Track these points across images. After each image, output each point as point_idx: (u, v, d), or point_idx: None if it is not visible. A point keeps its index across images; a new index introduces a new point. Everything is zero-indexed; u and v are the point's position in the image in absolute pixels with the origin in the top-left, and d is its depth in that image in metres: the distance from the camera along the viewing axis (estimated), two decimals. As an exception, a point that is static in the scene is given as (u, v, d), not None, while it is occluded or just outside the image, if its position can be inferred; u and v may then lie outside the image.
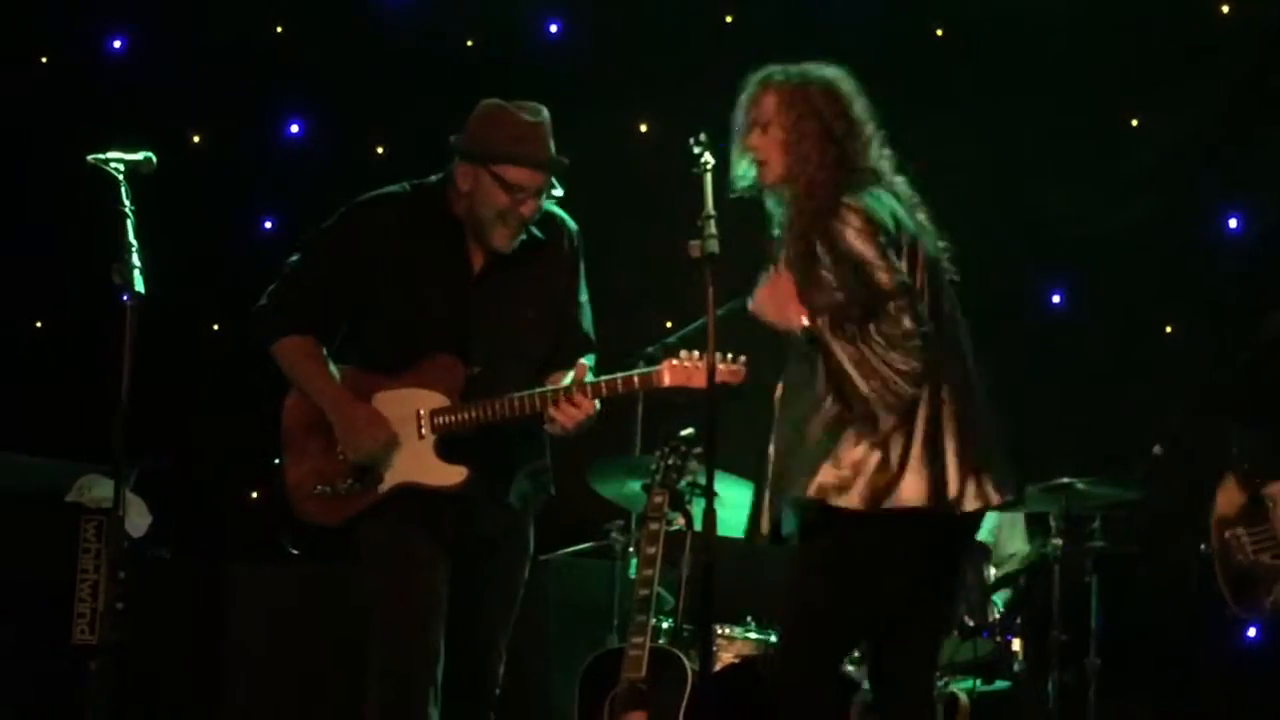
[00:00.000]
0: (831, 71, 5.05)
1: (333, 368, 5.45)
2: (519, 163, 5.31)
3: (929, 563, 4.94)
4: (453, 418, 5.33)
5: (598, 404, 5.32)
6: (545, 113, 5.41)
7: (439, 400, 5.35)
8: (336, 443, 5.37)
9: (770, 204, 5.00)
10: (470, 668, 5.43)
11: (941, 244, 5.01)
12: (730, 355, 5.17)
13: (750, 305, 4.92)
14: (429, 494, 5.33)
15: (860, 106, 5.02)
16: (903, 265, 4.81)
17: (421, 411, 5.35)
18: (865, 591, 4.88)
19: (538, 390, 5.31)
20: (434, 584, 5.31)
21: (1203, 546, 6.35)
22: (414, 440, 5.35)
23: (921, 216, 4.99)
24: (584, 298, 5.59)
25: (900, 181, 5.02)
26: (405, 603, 5.29)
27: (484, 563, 5.43)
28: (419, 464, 5.34)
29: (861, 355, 4.71)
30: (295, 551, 5.51)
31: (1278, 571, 6.18)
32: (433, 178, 5.50)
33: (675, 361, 5.26)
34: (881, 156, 5.02)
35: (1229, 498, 6.34)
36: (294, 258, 5.51)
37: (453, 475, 5.32)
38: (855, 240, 4.77)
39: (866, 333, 4.71)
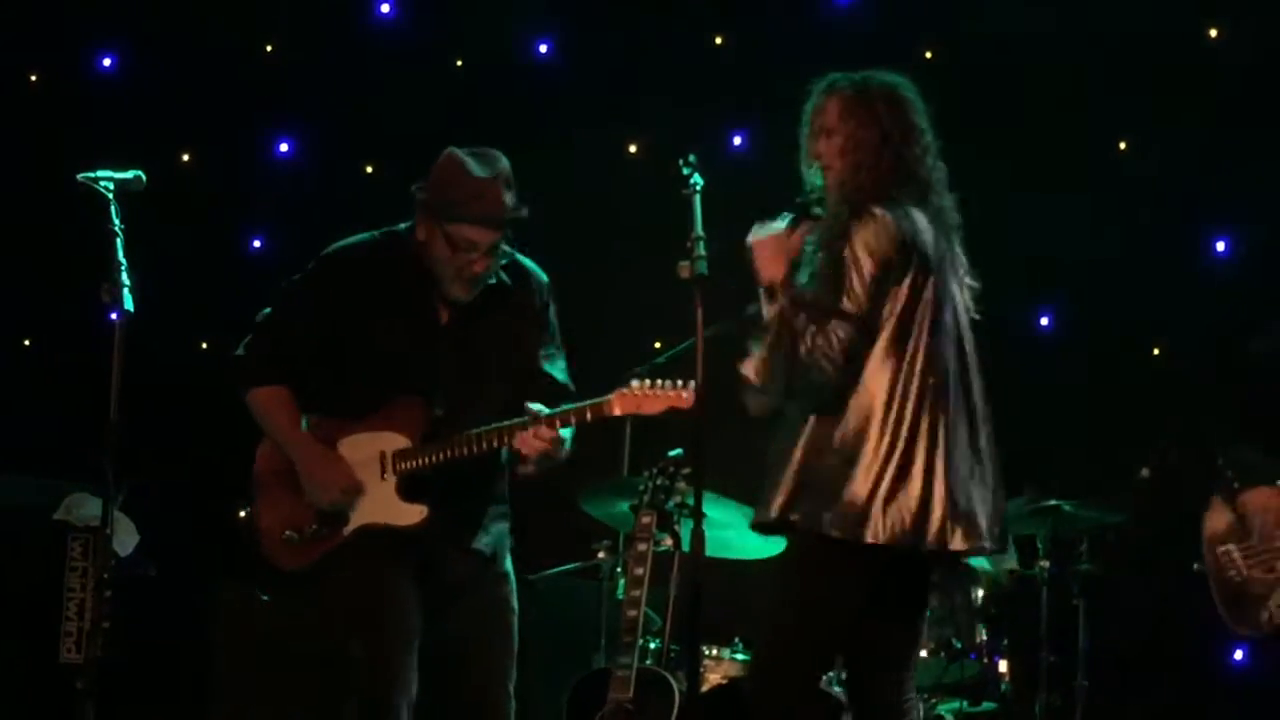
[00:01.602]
0: (893, 78, 5.07)
1: (303, 419, 5.49)
2: (470, 221, 5.33)
3: (899, 588, 4.96)
4: (414, 460, 5.37)
5: (567, 439, 5.33)
6: (503, 163, 5.41)
7: (401, 442, 5.39)
8: (303, 490, 5.41)
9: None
10: (477, 716, 5.46)
11: (971, 281, 5.02)
12: (680, 381, 5.16)
13: (752, 235, 4.95)
14: (393, 534, 5.35)
15: (919, 114, 5.04)
16: (899, 291, 4.82)
17: (385, 452, 5.39)
18: (832, 612, 4.89)
19: (495, 425, 5.32)
20: (404, 609, 5.33)
21: (1196, 566, 6.34)
22: (376, 482, 5.39)
23: (957, 246, 5.00)
24: (554, 348, 5.60)
25: (948, 199, 5.03)
26: (376, 628, 5.32)
27: (457, 612, 5.44)
28: (381, 505, 5.38)
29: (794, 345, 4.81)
30: (266, 598, 5.54)
31: (1271, 586, 6.18)
32: (402, 225, 5.52)
33: (625, 390, 5.26)
34: (935, 168, 5.03)
35: (1218, 515, 6.34)
36: (267, 309, 5.55)
37: (413, 514, 5.35)
38: (862, 250, 4.79)
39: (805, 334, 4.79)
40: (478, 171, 5.34)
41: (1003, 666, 6.95)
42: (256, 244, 9.18)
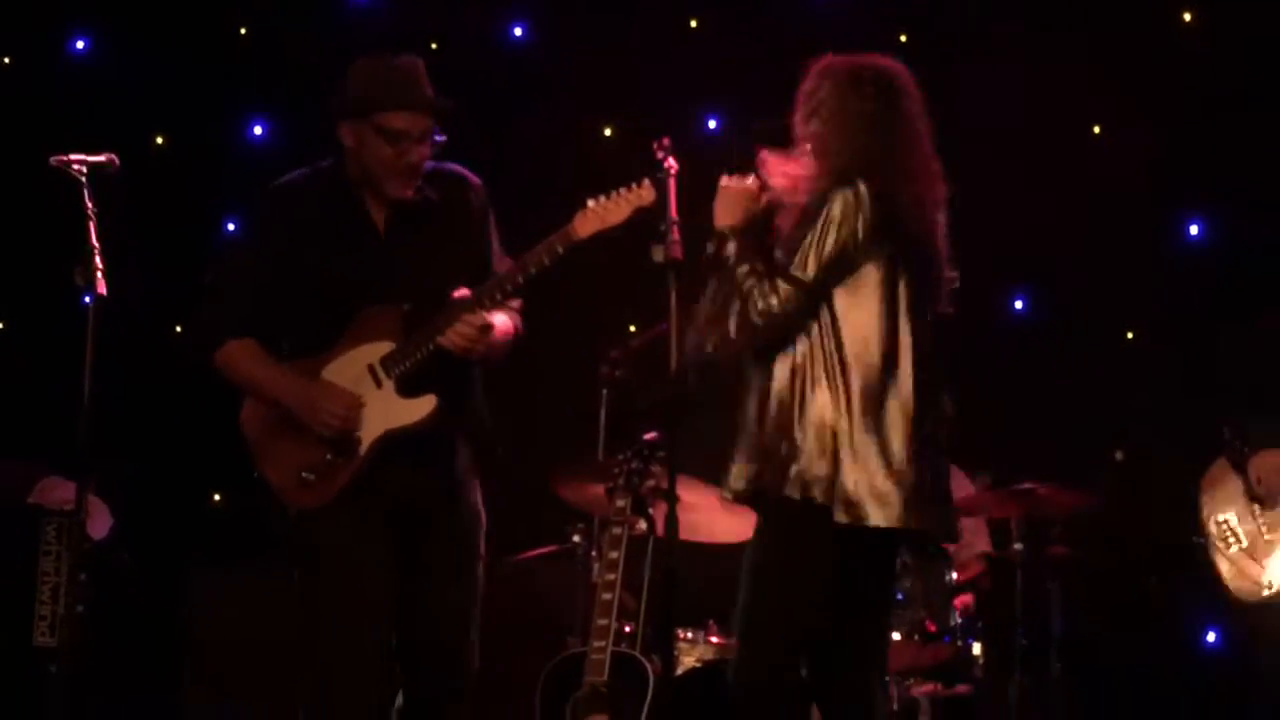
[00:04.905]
0: (888, 64, 5.06)
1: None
2: (399, 107, 5.30)
3: (865, 573, 4.95)
4: (405, 358, 5.29)
5: (496, 324, 5.31)
6: (420, 62, 5.40)
7: (384, 348, 5.31)
8: (304, 431, 5.32)
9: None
10: (442, 640, 5.41)
11: (952, 274, 5.02)
12: (635, 183, 5.12)
13: (724, 179, 4.98)
14: (403, 439, 5.27)
15: (912, 102, 5.03)
16: (867, 266, 4.82)
17: (372, 364, 5.32)
18: (809, 584, 4.88)
19: (487, 285, 5.27)
20: (368, 581, 5.27)
21: (1195, 538, 6.40)
22: (375, 393, 5.30)
23: (939, 241, 5.00)
24: (498, 248, 5.53)
25: (940, 190, 5.02)
26: (337, 604, 5.27)
27: (428, 537, 5.37)
28: (388, 411, 5.30)
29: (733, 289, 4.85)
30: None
31: (1268, 554, 6.28)
32: (326, 161, 5.50)
33: (584, 211, 5.21)
34: (930, 156, 5.04)
35: (1218, 483, 6.40)
36: (212, 274, 5.52)
37: (424, 407, 5.28)
38: (832, 220, 4.78)
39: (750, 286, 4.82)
40: (394, 61, 5.35)
41: (976, 649, 6.96)
42: (231, 227, 9.16)
